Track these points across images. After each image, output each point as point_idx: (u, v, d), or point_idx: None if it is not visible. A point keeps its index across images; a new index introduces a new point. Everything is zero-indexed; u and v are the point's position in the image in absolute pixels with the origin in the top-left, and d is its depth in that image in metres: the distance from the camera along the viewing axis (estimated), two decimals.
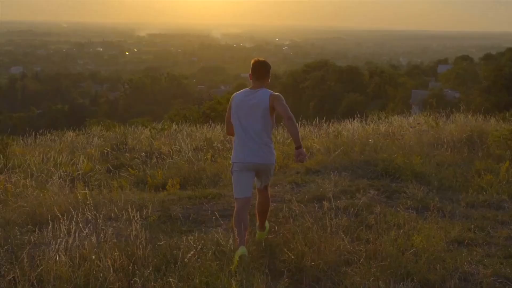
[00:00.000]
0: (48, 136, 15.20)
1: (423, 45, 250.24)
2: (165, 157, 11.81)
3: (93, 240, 5.24)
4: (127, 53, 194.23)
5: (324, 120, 14.17)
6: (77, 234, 5.23)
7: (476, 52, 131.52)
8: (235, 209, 5.99)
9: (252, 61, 6.26)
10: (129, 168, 11.02)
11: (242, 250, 5.40)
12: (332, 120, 14.75)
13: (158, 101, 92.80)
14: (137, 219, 5.73)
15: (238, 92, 6.32)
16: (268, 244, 5.72)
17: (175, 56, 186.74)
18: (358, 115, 15.04)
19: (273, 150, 6.17)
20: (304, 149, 5.83)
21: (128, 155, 12.65)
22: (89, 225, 5.68)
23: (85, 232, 5.41)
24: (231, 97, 6.31)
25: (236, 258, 5.28)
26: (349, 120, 14.37)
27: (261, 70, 6.17)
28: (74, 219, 5.52)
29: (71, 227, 5.37)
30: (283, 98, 6.06)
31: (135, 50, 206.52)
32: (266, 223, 6.36)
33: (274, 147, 6.22)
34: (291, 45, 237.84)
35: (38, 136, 14.99)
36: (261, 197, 6.30)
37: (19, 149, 12.89)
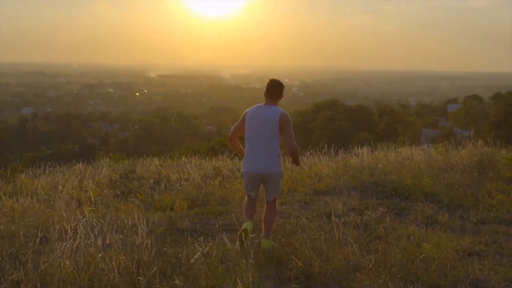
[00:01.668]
0: (57, 168, 15.21)
1: (432, 85, 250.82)
2: (174, 184, 11.77)
3: (98, 242, 5.18)
4: (137, 94, 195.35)
5: (333, 147, 14.10)
6: (82, 239, 5.17)
7: (485, 92, 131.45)
8: (245, 200, 6.83)
9: (268, 81, 6.82)
10: (137, 194, 10.98)
11: (247, 223, 6.29)
12: (341, 149, 14.67)
13: (168, 141, 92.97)
14: (143, 227, 5.68)
15: (251, 107, 6.82)
16: (275, 252, 5.65)
17: (184, 96, 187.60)
18: (368, 147, 14.96)
19: (280, 161, 6.62)
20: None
21: (136, 182, 12.61)
22: (94, 230, 5.62)
23: (91, 235, 5.36)
24: (244, 112, 6.82)
25: (242, 227, 6.20)
26: (358, 147, 14.29)
27: (274, 89, 6.73)
28: (81, 222, 5.47)
29: (77, 229, 5.32)
30: (291, 121, 6.69)
31: (145, 91, 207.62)
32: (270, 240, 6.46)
33: (281, 159, 6.66)
34: (300, 85, 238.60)
35: (47, 168, 15.01)
36: (268, 209, 6.59)
37: (27, 180, 12.89)
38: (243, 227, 6.24)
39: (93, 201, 9.16)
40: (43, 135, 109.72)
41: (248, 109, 6.83)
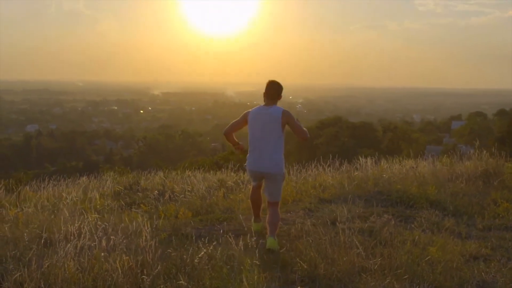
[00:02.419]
0: (61, 181, 15.21)
1: (436, 102, 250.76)
2: (178, 195, 11.75)
3: (102, 243, 5.16)
4: (141, 111, 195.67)
5: (337, 158, 14.07)
6: (86, 239, 5.16)
7: (489, 109, 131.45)
8: (251, 189, 7.38)
9: (267, 82, 7.03)
10: (141, 205, 10.96)
11: (255, 225, 7.05)
12: (345, 160, 14.64)
13: (172, 158, 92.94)
14: (147, 229, 5.66)
15: (253, 109, 7.06)
16: (280, 255, 5.62)
17: (189, 114, 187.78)
18: (372, 158, 14.91)
19: (282, 162, 6.79)
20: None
21: (140, 194, 12.60)
22: (98, 232, 5.60)
23: (95, 237, 5.33)
24: (245, 112, 7.07)
25: (253, 229, 6.85)
26: (362, 158, 14.26)
27: (273, 90, 6.97)
28: (85, 223, 5.46)
29: (81, 230, 5.30)
30: (292, 115, 6.90)
31: (150, 108, 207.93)
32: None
33: (284, 159, 6.87)
34: (304, 102, 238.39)
35: (50, 181, 15.01)
36: (271, 211, 6.75)
37: (31, 193, 12.89)
38: (253, 228, 6.93)
39: (98, 210, 9.16)
40: (47, 152, 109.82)
41: (249, 110, 7.03)
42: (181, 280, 4.58)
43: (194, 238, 6.46)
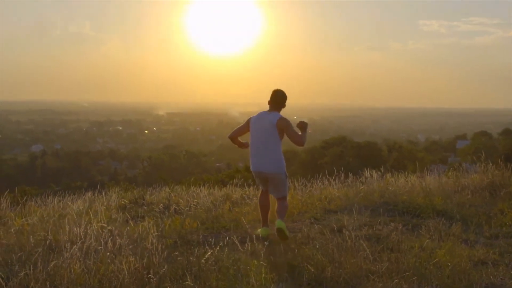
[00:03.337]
0: (67, 197, 15.22)
1: (440, 122, 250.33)
2: (183, 208, 11.73)
3: (109, 244, 5.14)
4: (146, 131, 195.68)
5: (342, 171, 14.04)
6: (92, 240, 5.14)
7: (494, 128, 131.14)
8: (259, 194, 7.73)
9: (273, 90, 7.54)
10: (146, 218, 10.94)
11: (263, 230, 7.14)
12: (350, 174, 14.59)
13: (177, 178, 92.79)
14: (154, 232, 5.64)
15: (255, 115, 7.59)
16: (287, 259, 5.59)
17: (193, 134, 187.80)
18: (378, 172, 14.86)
19: (282, 162, 7.29)
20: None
21: (146, 207, 12.58)
22: (104, 234, 5.59)
23: (101, 241, 5.32)
24: (249, 118, 7.62)
25: (259, 232, 7.07)
26: (367, 170, 14.23)
27: (278, 99, 7.50)
28: (91, 225, 5.44)
29: (87, 231, 5.29)
30: (289, 122, 7.37)
31: (154, 128, 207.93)
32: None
33: (284, 160, 7.36)
34: (309, 123, 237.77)
35: (56, 197, 15.01)
36: (279, 203, 7.32)
37: (36, 207, 12.89)
38: (260, 232, 7.12)
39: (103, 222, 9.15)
40: (52, 172, 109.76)
41: (251, 116, 7.54)
42: (187, 281, 4.55)
43: (200, 242, 6.46)
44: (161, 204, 12.50)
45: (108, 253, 5.08)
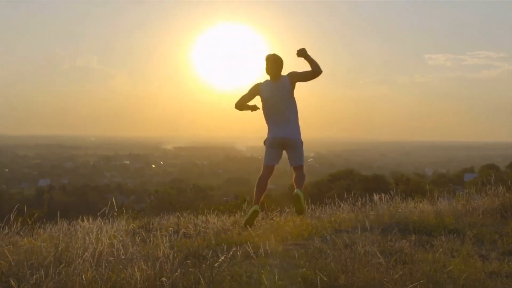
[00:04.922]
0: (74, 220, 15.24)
1: (448, 155, 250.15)
2: (192, 233, 11.71)
3: (121, 251, 5.13)
4: (153, 165, 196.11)
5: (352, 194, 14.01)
6: (104, 246, 5.14)
7: (501, 161, 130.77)
8: (259, 175, 7.87)
9: (267, 57, 7.71)
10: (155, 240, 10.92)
11: (255, 207, 7.65)
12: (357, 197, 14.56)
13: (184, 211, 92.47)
14: (165, 243, 5.64)
15: (262, 82, 7.78)
16: (298, 268, 5.55)
17: (200, 168, 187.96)
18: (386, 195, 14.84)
19: (299, 129, 7.76)
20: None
21: (155, 232, 12.57)
22: (115, 244, 5.58)
23: (113, 250, 5.31)
24: (255, 84, 7.79)
25: (250, 211, 7.69)
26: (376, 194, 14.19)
27: (275, 67, 7.64)
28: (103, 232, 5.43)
29: (98, 237, 5.28)
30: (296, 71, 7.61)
31: (161, 163, 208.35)
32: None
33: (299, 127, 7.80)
34: (316, 157, 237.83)
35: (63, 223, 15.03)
36: (297, 173, 7.86)
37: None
38: (252, 209, 7.56)
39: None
40: (59, 206, 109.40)
41: (259, 83, 7.77)
42: (201, 285, 4.53)
43: (212, 253, 6.45)
44: (170, 228, 12.51)
45: (120, 260, 5.06)
